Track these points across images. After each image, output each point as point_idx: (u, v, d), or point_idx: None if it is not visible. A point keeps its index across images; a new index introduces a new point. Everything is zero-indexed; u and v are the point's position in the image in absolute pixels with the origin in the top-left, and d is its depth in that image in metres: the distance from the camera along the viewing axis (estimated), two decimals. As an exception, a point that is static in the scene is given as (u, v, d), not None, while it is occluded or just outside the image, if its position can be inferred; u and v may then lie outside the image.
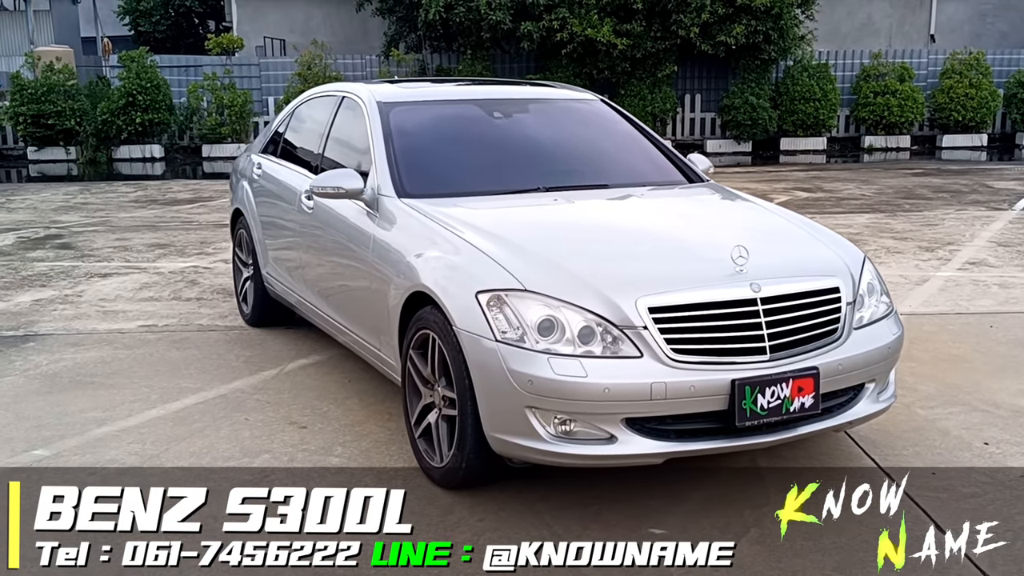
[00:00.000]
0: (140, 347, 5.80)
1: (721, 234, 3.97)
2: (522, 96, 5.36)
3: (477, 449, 3.53)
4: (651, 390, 3.29)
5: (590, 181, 4.65)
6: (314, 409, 4.70)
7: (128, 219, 11.04)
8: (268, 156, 6.03)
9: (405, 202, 4.25)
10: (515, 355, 3.34)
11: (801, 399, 3.44)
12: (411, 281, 3.87)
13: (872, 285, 3.92)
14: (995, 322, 6.15)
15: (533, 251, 3.68)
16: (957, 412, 4.58)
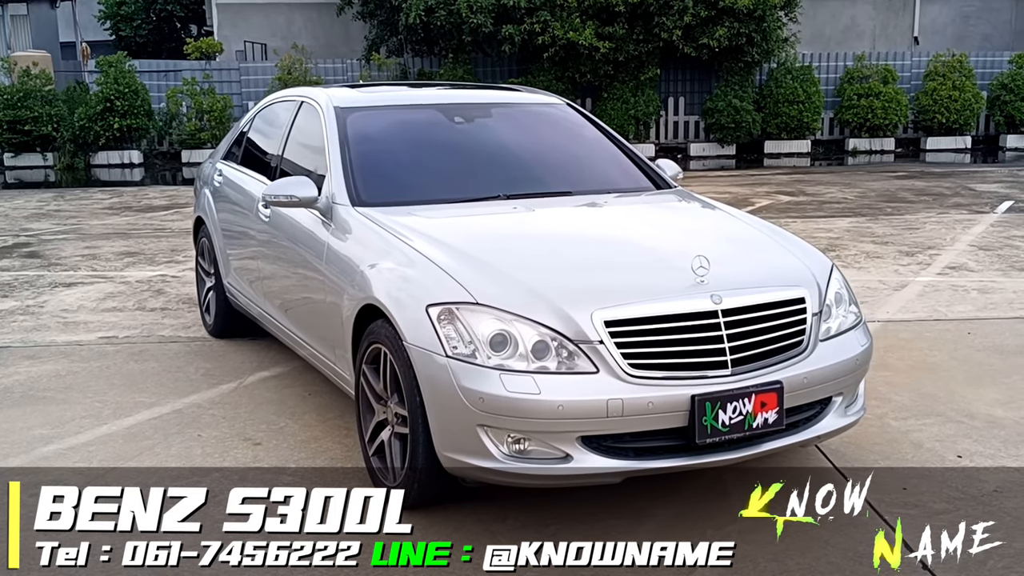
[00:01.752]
0: (98, 360, 5.64)
1: (683, 243, 3.84)
2: (485, 100, 5.23)
3: (429, 468, 3.40)
4: (607, 407, 3.16)
5: (553, 188, 4.51)
6: (270, 425, 4.56)
7: (100, 227, 10.88)
8: (229, 162, 5.89)
9: (359, 211, 4.11)
10: (466, 371, 3.20)
11: (764, 415, 3.31)
12: (364, 293, 3.73)
13: (840, 295, 3.80)
14: (973, 329, 6.04)
15: (487, 262, 3.55)
16: (931, 423, 4.46)
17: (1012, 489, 3.78)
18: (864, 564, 3.22)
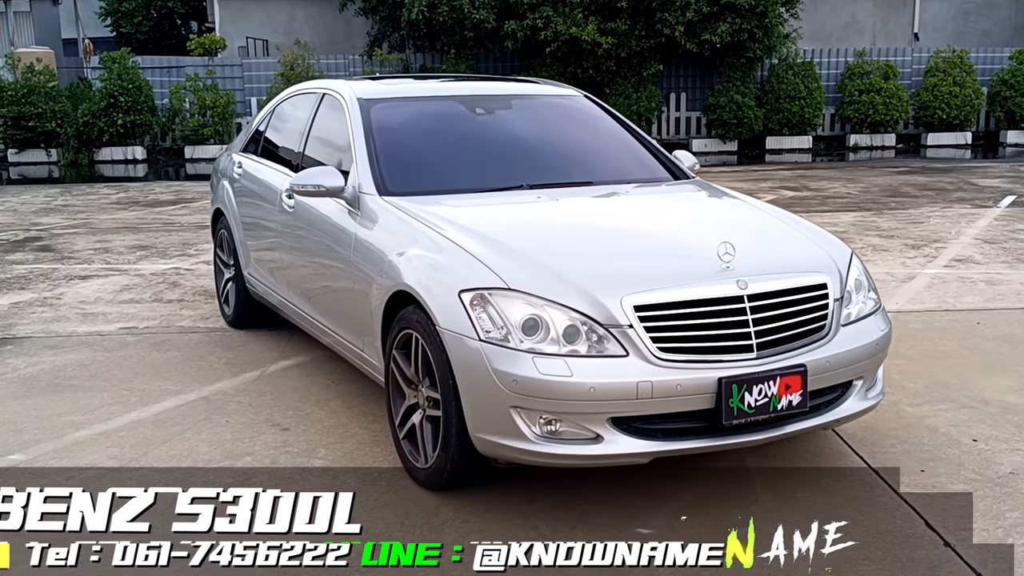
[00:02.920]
0: (120, 349, 5.72)
1: (707, 231, 3.92)
2: (505, 92, 5.31)
3: (462, 450, 3.48)
4: (637, 389, 3.24)
5: (574, 178, 4.59)
6: (296, 411, 4.63)
7: (109, 221, 10.93)
8: (248, 155, 5.95)
9: (387, 200, 4.18)
10: (499, 355, 3.28)
11: (788, 397, 3.40)
12: (393, 280, 3.81)
13: (859, 281, 3.88)
14: (982, 319, 6.13)
15: (517, 249, 3.62)
16: (945, 409, 4.54)
17: (1027, 471, 3.86)
18: (888, 541, 3.31)
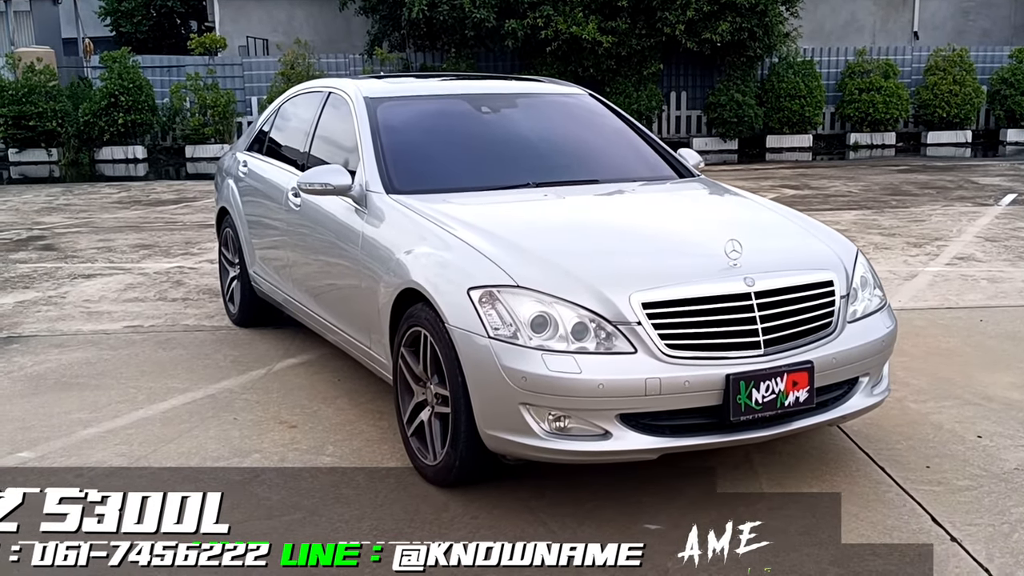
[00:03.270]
0: (126, 348, 5.73)
1: (714, 229, 3.94)
2: (510, 91, 5.33)
3: (471, 446, 3.50)
4: (645, 386, 3.26)
5: (580, 176, 4.61)
6: (304, 408, 4.65)
7: (111, 220, 10.95)
8: (254, 154, 5.97)
9: (394, 198, 4.20)
10: (508, 352, 3.30)
11: (796, 393, 3.42)
12: (401, 278, 3.82)
13: (865, 278, 3.90)
14: (985, 316, 6.15)
15: (525, 247, 3.64)
16: (950, 406, 4.56)
17: (1033, 467, 3.89)
18: (894, 536, 3.33)
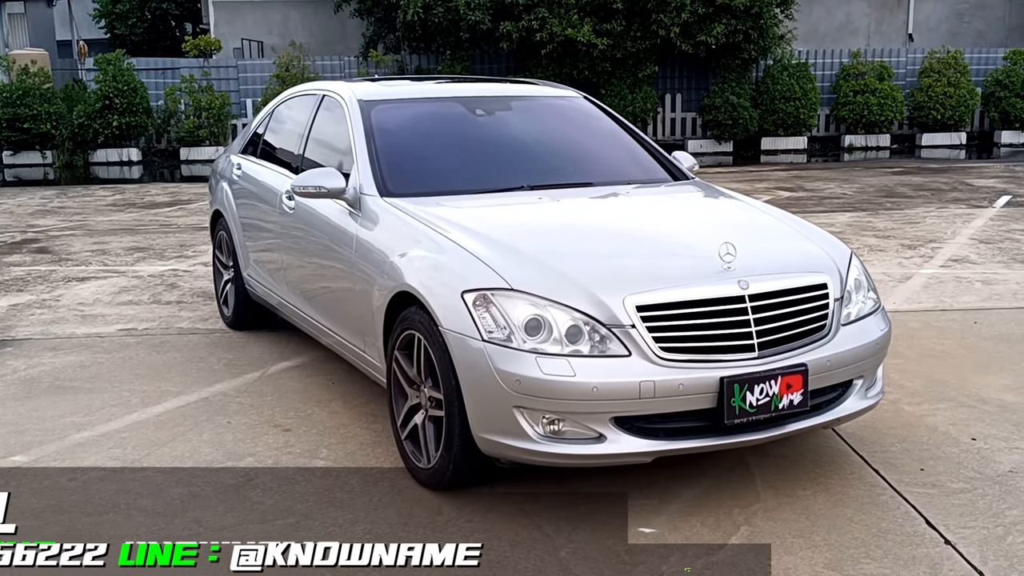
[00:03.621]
0: (120, 351, 5.72)
1: (708, 231, 3.94)
2: (505, 94, 5.32)
3: (465, 450, 3.49)
4: (640, 389, 3.25)
5: (574, 179, 4.61)
6: (298, 412, 4.64)
7: (106, 223, 10.93)
8: (248, 156, 5.96)
9: (388, 201, 4.20)
10: (502, 355, 3.30)
11: (790, 396, 3.42)
12: (395, 281, 3.82)
13: (859, 281, 3.90)
14: (979, 318, 6.16)
15: (519, 250, 3.64)
16: (944, 408, 4.57)
17: (1026, 469, 3.89)
18: (889, 539, 3.33)
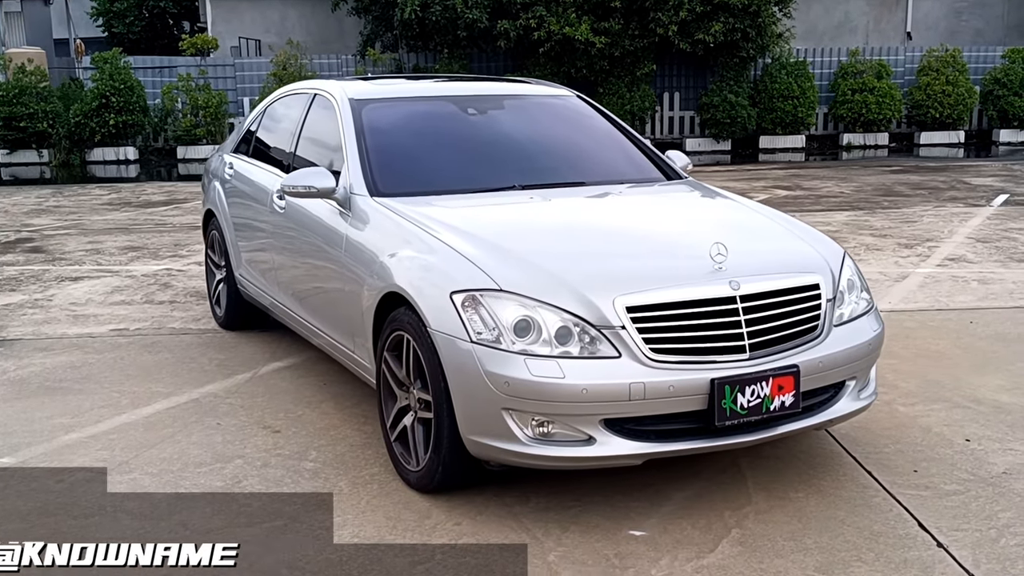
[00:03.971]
0: (111, 351, 5.69)
1: (700, 232, 3.91)
2: (497, 93, 5.29)
3: (453, 452, 3.46)
4: (630, 390, 3.22)
5: (567, 179, 4.58)
6: (288, 413, 4.61)
7: (101, 222, 10.90)
8: (240, 155, 5.93)
9: (378, 201, 4.17)
10: (491, 356, 3.27)
11: (781, 398, 3.39)
12: (385, 282, 3.79)
13: (852, 281, 3.87)
14: (975, 318, 6.13)
15: (509, 250, 3.61)
16: (938, 409, 4.54)
17: (1020, 471, 3.85)
18: (881, 542, 3.30)
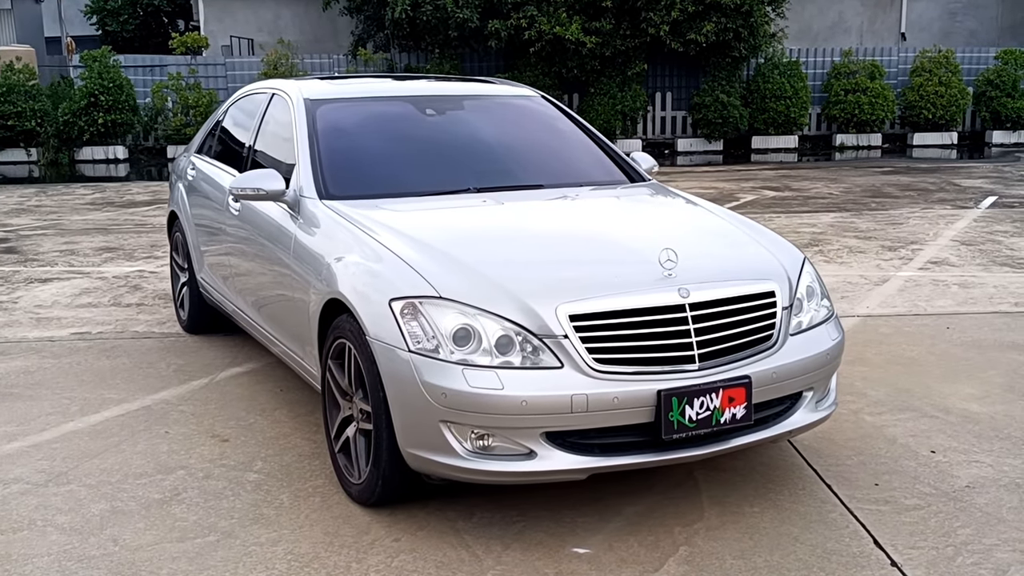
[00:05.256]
0: (68, 356, 5.57)
1: (652, 236, 3.79)
2: (458, 93, 5.17)
3: (393, 465, 3.35)
4: (572, 402, 3.10)
5: (524, 181, 4.47)
6: (239, 421, 4.50)
7: (80, 222, 10.78)
8: (202, 156, 5.82)
9: (327, 204, 4.05)
10: (429, 366, 3.15)
11: (732, 410, 3.27)
12: (329, 287, 3.67)
13: (812, 288, 3.75)
14: (952, 323, 6.01)
15: (452, 256, 3.49)
16: (906, 419, 4.42)
17: (984, 485, 3.73)
18: (833, 561, 3.18)
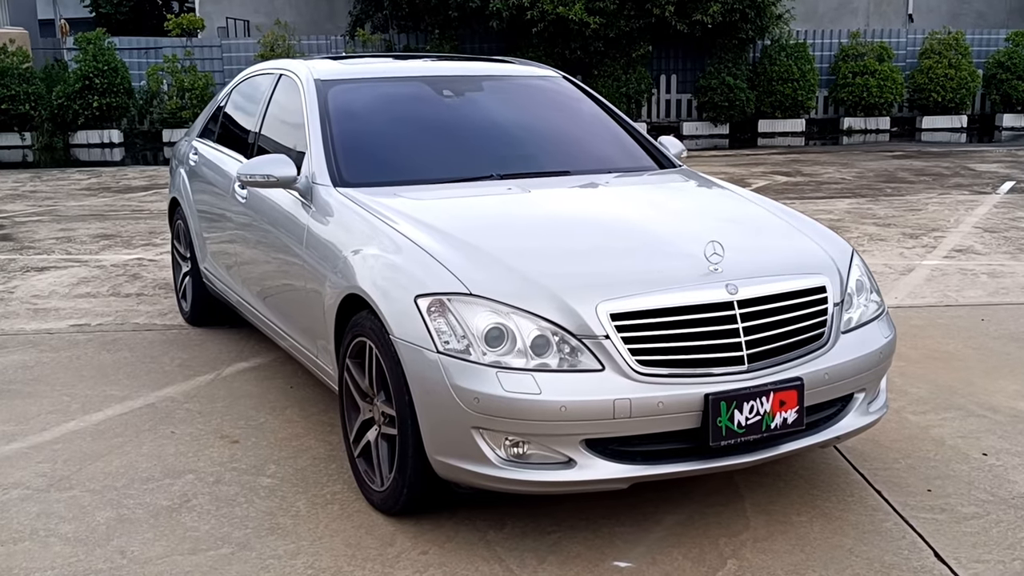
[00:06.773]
0: (68, 349, 5.33)
1: (694, 227, 3.55)
2: (476, 73, 4.89)
3: (419, 473, 3.11)
4: (614, 408, 2.87)
5: (549, 168, 4.22)
6: (249, 420, 4.26)
7: (76, 208, 10.53)
8: (205, 140, 5.57)
9: (342, 192, 3.80)
10: (460, 369, 2.91)
11: (783, 414, 3.04)
12: (347, 281, 3.43)
13: (861, 282, 3.52)
14: (986, 315, 5.78)
15: (481, 248, 3.24)
16: (952, 418, 4.19)
17: (1044, 490, 3.52)
18: (893, 575, 2.96)
